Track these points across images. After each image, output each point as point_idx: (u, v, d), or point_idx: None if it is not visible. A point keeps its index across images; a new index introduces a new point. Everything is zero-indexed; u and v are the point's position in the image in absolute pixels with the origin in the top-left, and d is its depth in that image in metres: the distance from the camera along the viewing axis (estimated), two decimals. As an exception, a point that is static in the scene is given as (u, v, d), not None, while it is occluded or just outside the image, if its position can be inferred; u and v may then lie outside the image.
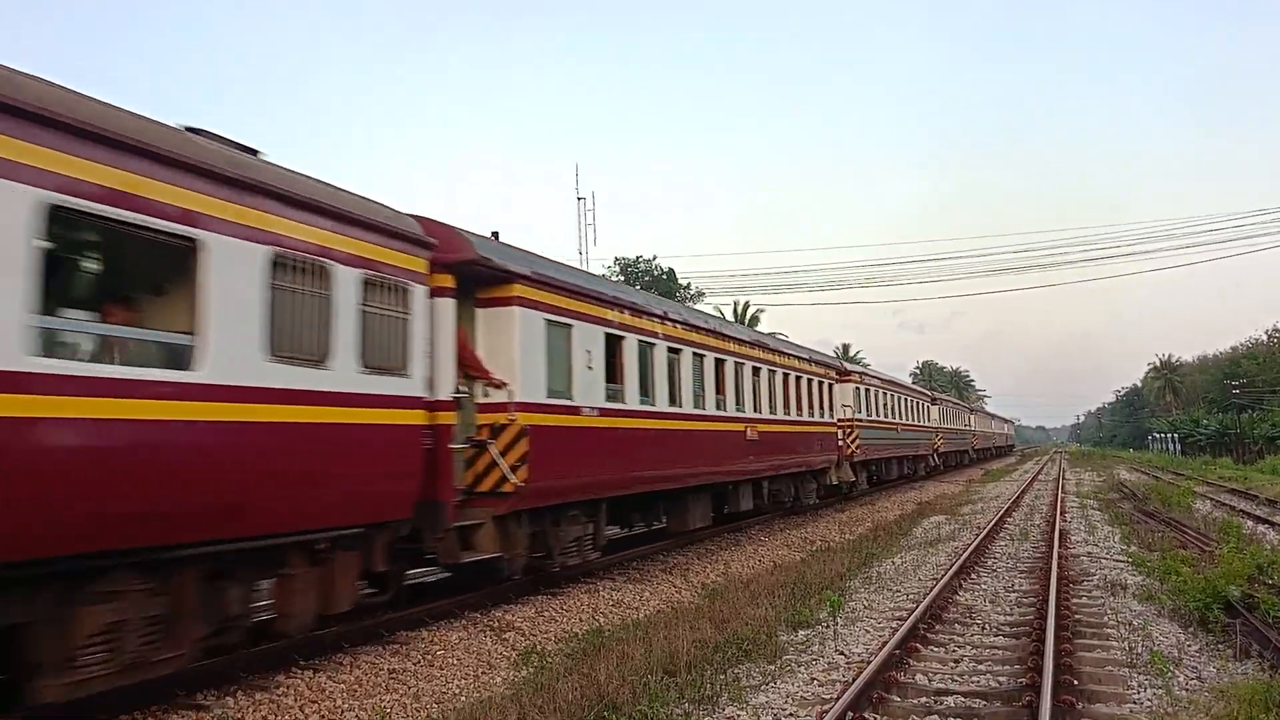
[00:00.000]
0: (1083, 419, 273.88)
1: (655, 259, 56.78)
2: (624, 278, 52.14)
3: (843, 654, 8.73)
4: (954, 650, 8.87)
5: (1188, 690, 7.38)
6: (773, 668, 8.21)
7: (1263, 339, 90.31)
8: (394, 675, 8.17)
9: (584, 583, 12.79)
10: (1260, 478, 40.61)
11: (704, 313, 20.24)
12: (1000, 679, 7.71)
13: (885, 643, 8.59)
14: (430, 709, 7.35)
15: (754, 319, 59.00)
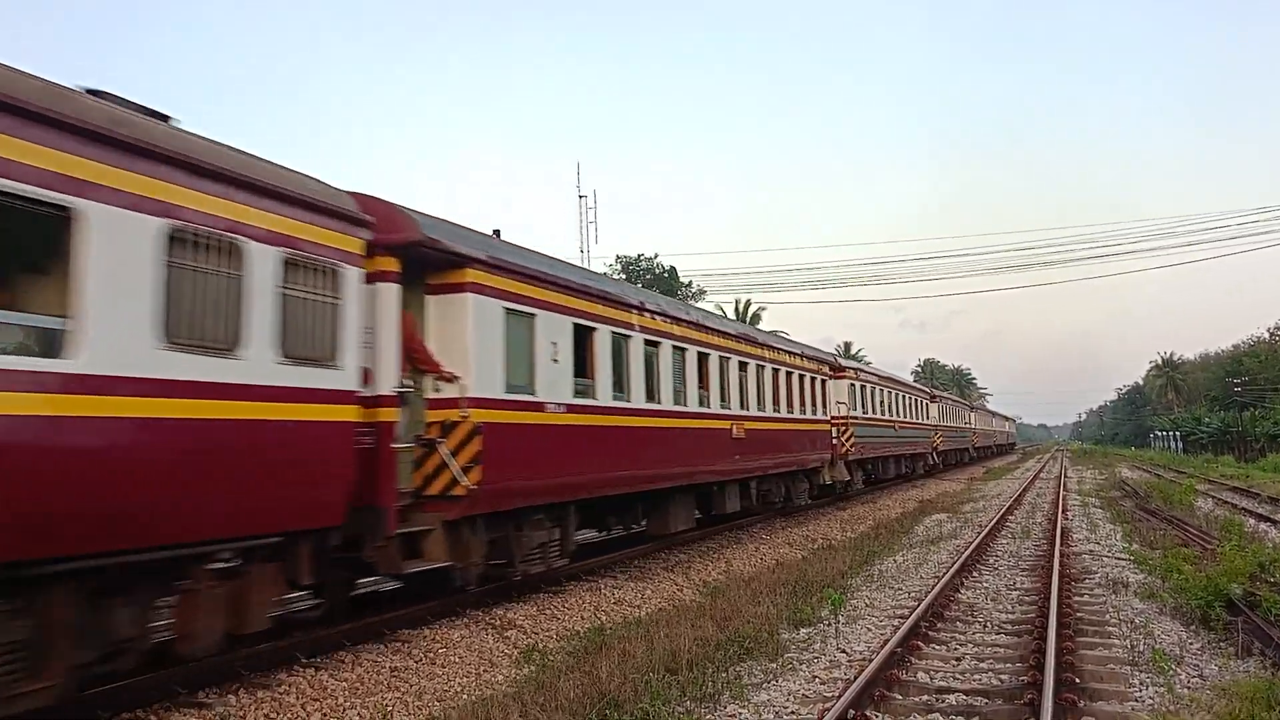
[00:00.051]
0: (1084, 417, 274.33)
1: (656, 257, 56.96)
2: (625, 276, 52.12)
3: (844, 652, 8.74)
4: (956, 648, 8.87)
5: (1189, 688, 7.38)
6: (774, 666, 8.22)
7: (1265, 337, 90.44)
8: (396, 673, 8.18)
9: (585, 581, 12.79)
10: (1262, 476, 40.65)
11: (685, 304, 19.36)
12: (1002, 677, 7.71)
13: (887, 641, 8.59)
14: (432, 707, 7.35)
15: (755, 317, 59.07)
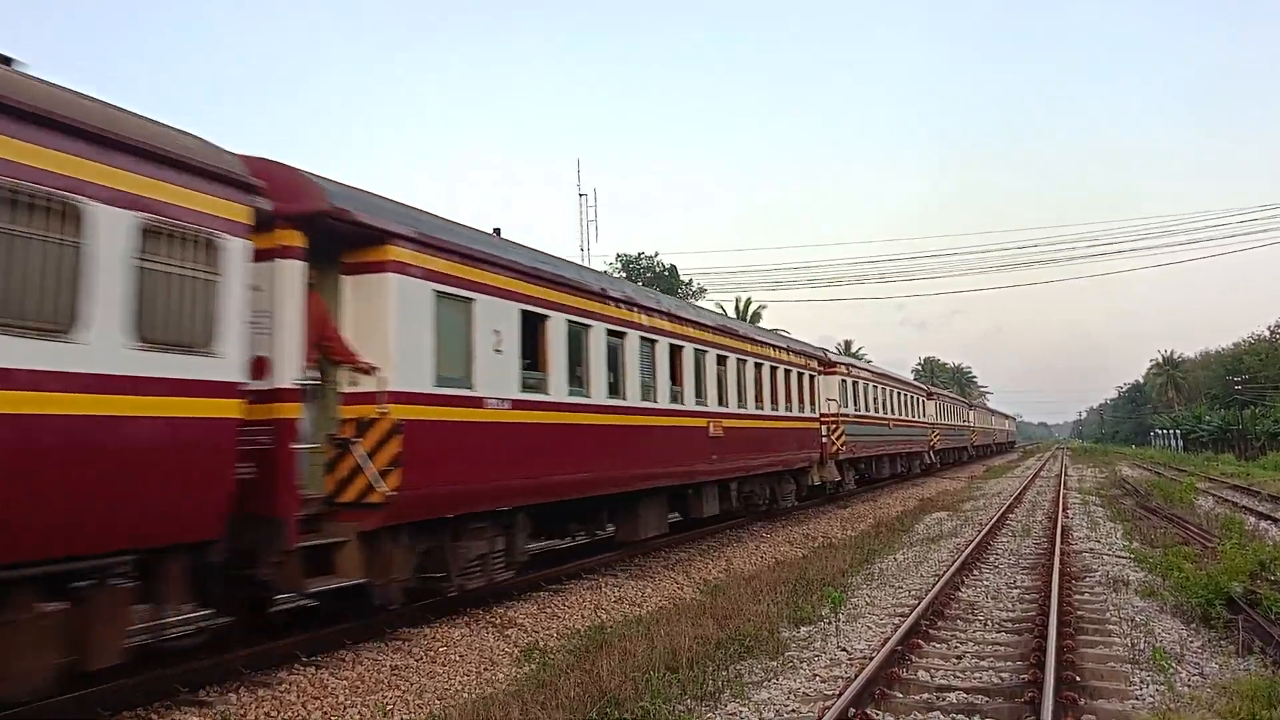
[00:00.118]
0: (1085, 415, 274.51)
1: (657, 255, 56.87)
2: (626, 274, 52.09)
3: (845, 650, 8.74)
4: (956, 646, 8.88)
5: (1190, 687, 7.38)
6: (775, 664, 8.22)
7: (1265, 335, 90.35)
8: (396, 671, 8.18)
9: (586, 579, 12.80)
10: (1262, 474, 40.67)
11: (656, 293, 18.15)
12: (1003, 675, 7.71)
13: (887, 639, 8.60)
14: (432, 705, 7.35)
15: (755, 315, 59.04)
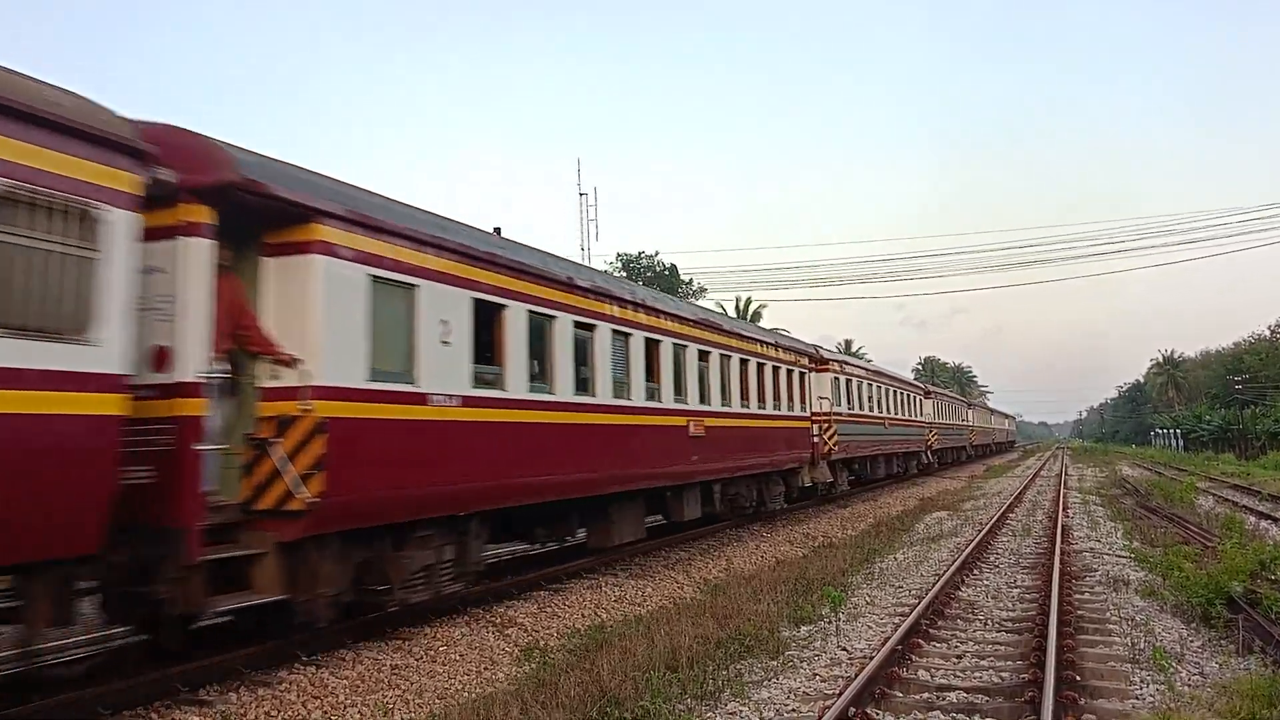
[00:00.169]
0: (1085, 415, 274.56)
1: (658, 255, 56.83)
2: (627, 273, 52.07)
3: (845, 650, 8.74)
4: (956, 646, 8.88)
5: (1190, 686, 7.37)
6: (775, 663, 8.22)
7: (1266, 334, 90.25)
8: (396, 671, 8.18)
9: (586, 579, 12.80)
10: (1263, 473, 40.64)
11: (631, 283, 17.35)
12: (1003, 675, 7.71)
13: (888, 639, 8.60)
14: (433, 704, 7.35)
15: (756, 315, 59.02)
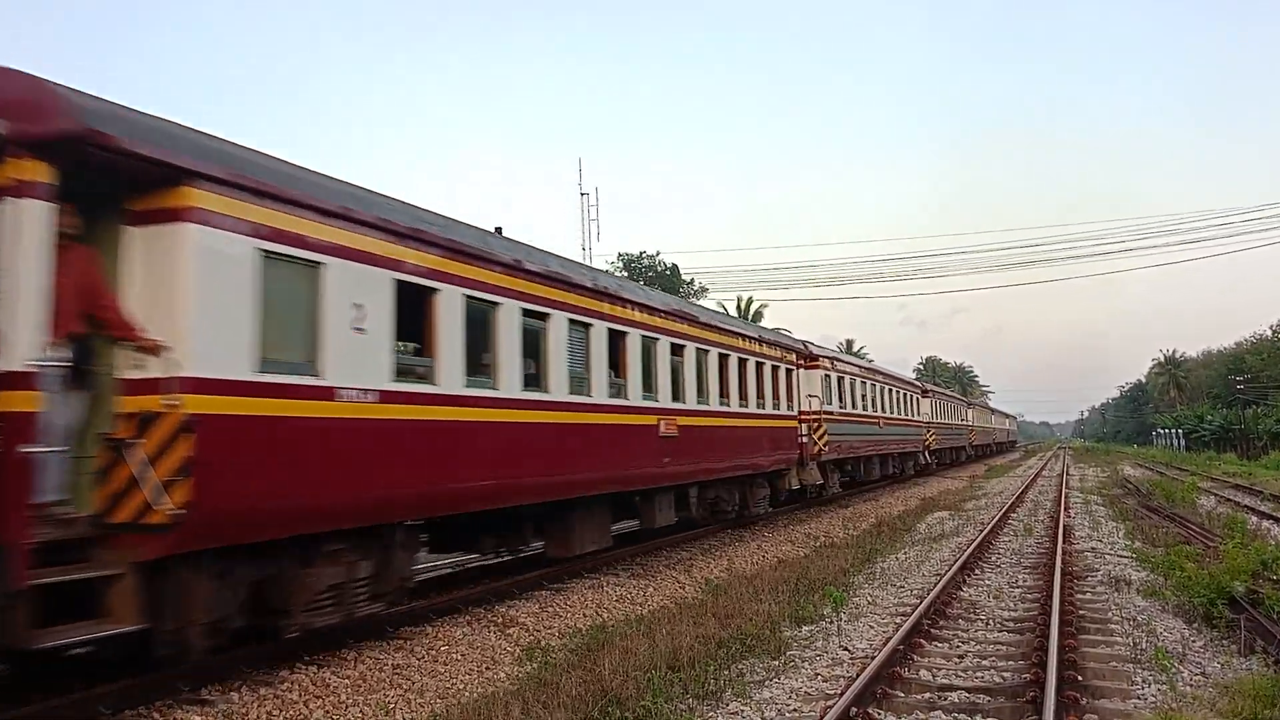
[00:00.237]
0: (1087, 415, 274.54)
1: (659, 254, 56.82)
2: (628, 273, 52.07)
3: (847, 650, 8.73)
4: (958, 646, 8.87)
5: (1192, 686, 7.37)
6: (777, 663, 8.22)
7: (1267, 334, 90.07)
8: (398, 670, 8.18)
9: (588, 578, 12.80)
10: (1265, 473, 40.61)
11: (594, 269, 16.25)
12: (1004, 674, 7.70)
13: (889, 638, 8.59)
14: (434, 704, 7.36)
15: (757, 314, 59.04)
